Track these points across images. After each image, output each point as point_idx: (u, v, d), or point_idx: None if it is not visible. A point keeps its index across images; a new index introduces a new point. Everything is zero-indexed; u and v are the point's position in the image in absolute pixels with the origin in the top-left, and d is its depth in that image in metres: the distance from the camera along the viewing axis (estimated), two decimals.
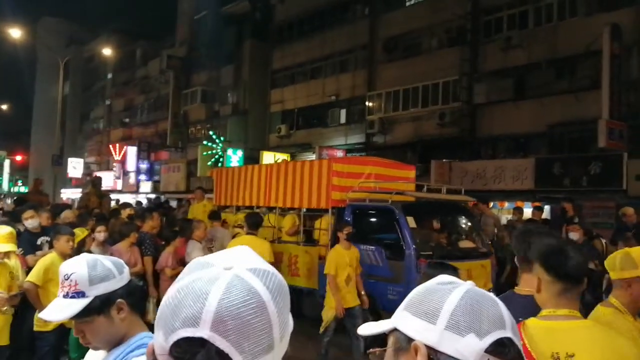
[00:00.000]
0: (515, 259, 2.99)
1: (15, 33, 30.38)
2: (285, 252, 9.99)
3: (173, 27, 40.76)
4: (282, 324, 0.87)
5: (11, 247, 5.10)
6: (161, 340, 0.83)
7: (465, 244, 9.39)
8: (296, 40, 29.68)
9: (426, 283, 1.07)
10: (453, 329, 0.95)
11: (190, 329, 0.80)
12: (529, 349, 2.10)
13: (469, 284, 1.03)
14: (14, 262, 5.47)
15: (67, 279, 1.87)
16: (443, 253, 8.39)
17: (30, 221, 7.59)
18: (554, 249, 2.35)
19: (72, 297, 1.85)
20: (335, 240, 8.34)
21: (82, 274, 1.87)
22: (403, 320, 1.04)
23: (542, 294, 2.30)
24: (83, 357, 2.02)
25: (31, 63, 63.23)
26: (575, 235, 8.50)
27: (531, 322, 2.20)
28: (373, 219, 9.46)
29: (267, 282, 0.86)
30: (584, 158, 16.97)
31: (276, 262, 9.19)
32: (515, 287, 2.95)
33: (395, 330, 1.05)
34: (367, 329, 1.12)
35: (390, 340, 1.06)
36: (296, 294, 9.37)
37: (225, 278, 0.84)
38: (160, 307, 0.86)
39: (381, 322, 1.12)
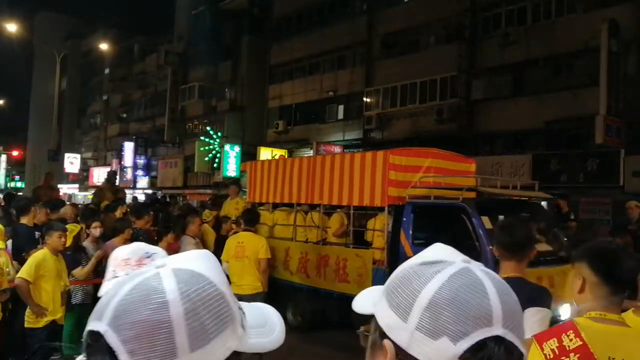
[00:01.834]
0: (494, 249, 3.21)
1: (13, 27, 30.30)
2: (332, 255, 8.85)
3: (171, 23, 40.66)
4: (196, 333, 0.77)
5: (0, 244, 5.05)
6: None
7: (543, 247, 7.98)
8: (294, 36, 29.61)
9: (408, 261, 0.89)
10: (424, 330, 0.79)
11: (96, 322, 0.79)
12: (592, 350, 2.04)
13: (459, 264, 0.84)
14: (3, 258, 5.42)
15: (148, 257, 1.73)
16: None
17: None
18: (607, 251, 2.31)
19: None
20: (394, 243, 7.95)
21: (164, 257, 1.74)
22: (380, 307, 0.88)
23: (585, 294, 2.25)
24: (77, 353, 1.88)
25: (28, 58, 63.10)
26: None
27: (585, 322, 2.14)
28: (439, 219, 8.06)
29: (183, 284, 0.79)
30: (581, 154, 16.96)
31: (320, 266, 8.91)
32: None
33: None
34: (357, 303, 0.97)
35: (372, 326, 0.92)
36: (344, 301, 8.26)
37: (144, 275, 0.81)
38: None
39: (368, 297, 0.95)
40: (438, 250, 0.90)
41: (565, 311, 6.92)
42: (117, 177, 37.41)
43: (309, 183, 9.41)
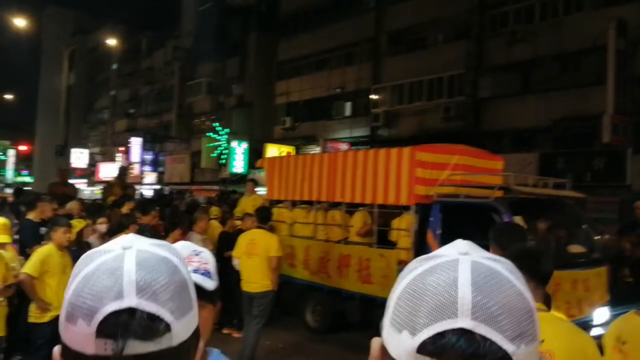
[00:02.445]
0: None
1: (20, 22, 30.37)
2: (354, 255, 8.57)
3: (178, 18, 40.71)
4: (192, 284, 0.88)
5: (5, 238, 5.09)
6: (82, 329, 0.79)
7: (576, 248, 7.93)
8: (302, 32, 29.58)
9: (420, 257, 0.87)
10: (393, 324, 0.76)
11: (115, 303, 0.78)
12: None
13: (451, 256, 0.77)
14: (9, 253, 5.46)
15: (197, 255, 1.71)
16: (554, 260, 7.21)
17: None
18: (532, 252, 2.75)
19: (203, 274, 1.66)
20: (420, 243, 7.70)
21: (209, 256, 1.73)
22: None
23: None
24: None
25: (36, 52, 63.28)
26: None
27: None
28: (469, 219, 7.60)
29: (171, 250, 0.88)
30: (588, 153, 16.91)
31: (342, 266, 8.71)
32: None
33: None
34: None
35: None
36: (367, 303, 8.33)
37: (131, 254, 0.83)
38: (67, 298, 0.82)
39: None
40: (449, 245, 0.83)
41: (600, 316, 6.83)
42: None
43: (331, 180, 9.14)
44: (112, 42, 38.91)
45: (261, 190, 13.22)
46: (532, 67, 20.21)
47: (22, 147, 58.88)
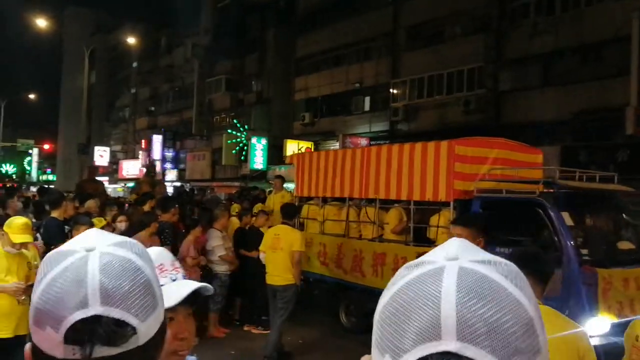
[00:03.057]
0: None
1: (42, 23, 30.69)
2: (389, 253, 8.19)
3: (197, 16, 40.84)
4: (157, 281, 0.90)
5: (26, 237, 5.13)
6: (50, 335, 0.81)
7: (625, 245, 7.46)
8: (320, 28, 29.54)
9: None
10: (377, 346, 0.69)
11: (81, 311, 0.80)
12: None
13: (438, 264, 0.68)
14: (32, 252, 5.51)
15: (175, 260, 1.67)
16: (602, 257, 6.69)
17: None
18: (531, 252, 3.10)
19: (175, 280, 1.58)
20: None
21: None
22: None
23: None
24: None
25: (58, 52, 64.03)
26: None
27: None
28: (512, 215, 7.26)
29: (134, 250, 0.88)
30: (611, 146, 16.67)
31: (377, 264, 8.42)
32: None
33: None
34: None
35: None
36: None
37: (94, 257, 0.84)
38: (33, 304, 0.84)
39: None
40: (438, 248, 0.73)
41: None
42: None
43: (364, 176, 8.79)
44: (131, 40, 39.12)
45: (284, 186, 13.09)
46: (553, 59, 19.98)
47: (46, 146, 59.59)
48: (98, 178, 17.93)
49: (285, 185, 12.56)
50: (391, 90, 25.20)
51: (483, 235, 4.42)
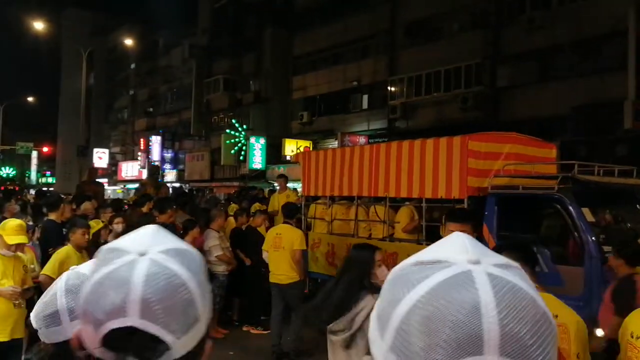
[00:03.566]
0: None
1: (40, 25, 30.67)
2: (401, 253, 7.81)
3: (194, 16, 40.83)
4: (203, 294, 0.89)
5: (21, 239, 5.12)
6: (91, 333, 0.84)
7: None
8: (317, 26, 29.53)
9: (408, 259, 0.74)
10: (397, 353, 0.65)
11: (119, 320, 0.82)
12: None
13: (461, 266, 0.67)
14: (28, 254, 5.51)
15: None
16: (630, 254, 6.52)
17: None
18: (521, 244, 3.36)
19: None
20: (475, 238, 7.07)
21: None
22: (373, 312, 0.76)
23: None
24: None
25: (56, 55, 64.01)
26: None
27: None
28: (529, 212, 7.17)
29: (183, 261, 0.88)
30: (610, 140, 16.66)
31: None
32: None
33: None
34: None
35: None
36: None
37: (143, 264, 0.85)
38: (81, 299, 0.87)
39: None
40: (448, 244, 0.72)
41: None
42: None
43: (373, 174, 8.49)
44: (129, 41, 39.12)
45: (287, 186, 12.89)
46: (551, 54, 19.96)
47: (45, 149, 59.52)
48: (100, 179, 17.81)
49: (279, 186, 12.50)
50: (389, 88, 25.19)
51: (477, 231, 4.56)
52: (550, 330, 0.66)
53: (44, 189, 38.22)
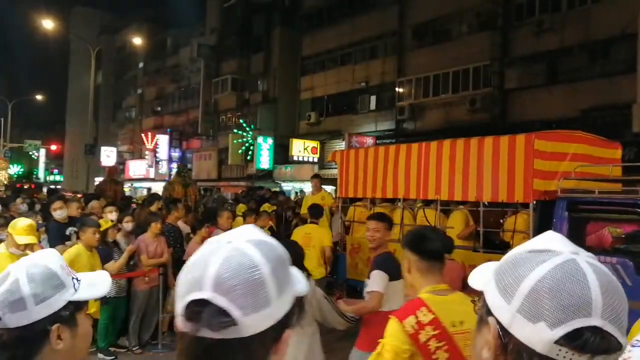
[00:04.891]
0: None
1: (49, 24, 30.76)
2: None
3: (203, 16, 40.91)
4: (279, 283, 0.97)
5: (31, 239, 5.15)
6: (178, 307, 0.95)
7: None
8: (325, 27, 29.52)
9: (519, 247, 0.99)
10: (524, 314, 0.88)
11: (196, 293, 0.92)
12: (440, 320, 2.51)
13: (566, 255, 0.91)
14: None
15: None
16: None
17: (59, 212, 7.71)
18: (417, 233, 2.90)
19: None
20: None
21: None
22: (489, 287, 0.99)
23: (413, 273, 2.78)
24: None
25: (65, 53, 64.27)
26: None
27: (429, 297, 2.60)
28: (607, 219, 6.45)
29: (260, 248, 0.98)
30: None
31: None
32: None
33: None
34: (471, 278, 1.12)
35: (481, 303, 1.04)
36: None
37: (225, 249, 0.97)
38: (178, 278, 0.99)
39: (481, 275, 1.08)
40: (549, 239, 0.97)
41: None
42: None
43: (421, 175, 7.83)
44: (138, 40, 39.17)
45: (287, 186, 12.81)
46: (560, 57, 19.89)
47: (53, 147, 59.78)
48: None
49: (291, 185, 12.42)
50: (397, 89, 25.18)
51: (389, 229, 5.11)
52: (626, 304, 0.89)
53: (52, 186, 38.37)
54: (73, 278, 1.50)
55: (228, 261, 0.94)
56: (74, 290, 1.47)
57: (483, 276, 1.06)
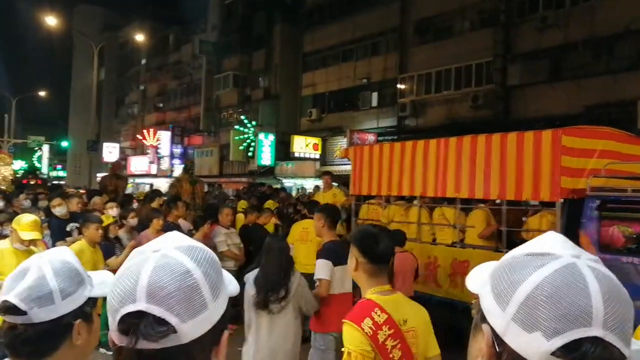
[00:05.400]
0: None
1: (52, 20, 30.77)
2: (474, 262, 6.46)
3: (204, 13, 40.90)
4: (213, 286, 0.96)
5: (36, 234, 5.15)
6: (111, 321, 0.93)
7: None
8: (327, 23, 29.48)
9: (516, 250, 0.92)
10: (519, 322, 0.82)
11: (130, 305, 0.90)
12: (393, 319, 2.58)
13: (566, 259, 0.84)
14: (42, 249, 5.54)
15: None
16: None
17: (59, 209, 7.71)
18: (368, 234, 2.79)
19: None
20: None
21: None
22: (484, 290, 0.93)
23: (359, 272, 2.75)
24: None
25: (68, 50, 64.31)
26: None
27: (378, 298, 2.65)
28: (633, 219, 6.20)
29: (191, 254, 0.97)
30: None
31: (456, 274, 7.24)
32: None
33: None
34: (469, 279, 1.04)
35: (476, 307, 0.97)
36: None
37: (153, 258, 0.95)
38: (109, 296, 0.96)
39: (479, 276, 0.99)
40: (549, 241, 0.90)
41: None
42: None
43: (440, 172, 7.47)
44: (140, 37, 39.13)
45: (288, 182, 12.72)
46: (563, 53, 19.83)
47: (62, 143, 59.87)
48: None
49: (292, 182, 12.42)
50: (399, 86, 25.12)
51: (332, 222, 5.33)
52: (632, 311, 0.84)
53: (54, 182, 38.38)
54: (88, 275, 1.55)
55: (159, 270, 0.92)
56: (91, 287, 1.52)
57: (481, 278, 0.98)
